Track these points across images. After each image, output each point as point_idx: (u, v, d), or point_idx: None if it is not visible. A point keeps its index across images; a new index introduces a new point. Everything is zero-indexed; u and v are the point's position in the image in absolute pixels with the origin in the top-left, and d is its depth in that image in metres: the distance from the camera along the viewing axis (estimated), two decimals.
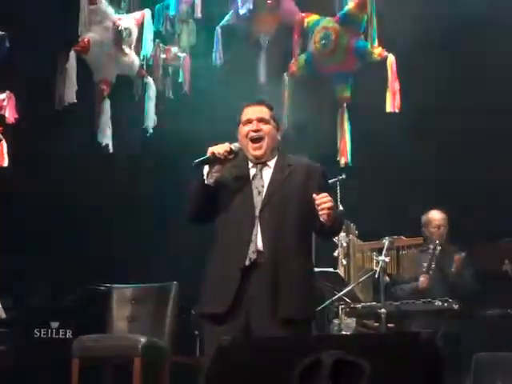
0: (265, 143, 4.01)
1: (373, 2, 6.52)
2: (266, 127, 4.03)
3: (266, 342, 2.96)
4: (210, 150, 3.95)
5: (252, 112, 4.08)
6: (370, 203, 7.07)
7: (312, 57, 6.85)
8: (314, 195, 3.78)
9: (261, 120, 4.03)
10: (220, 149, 3.95)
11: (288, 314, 3.79)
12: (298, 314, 3.83)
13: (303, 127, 6.83)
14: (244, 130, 4.06)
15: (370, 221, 6.61)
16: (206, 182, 3.95)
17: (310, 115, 6.65)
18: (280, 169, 4.03)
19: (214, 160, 3.94)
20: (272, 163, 4.06)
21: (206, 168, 3.96)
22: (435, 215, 6.64)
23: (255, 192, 3.96)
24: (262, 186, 3.98)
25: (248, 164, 4.07)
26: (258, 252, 3.85)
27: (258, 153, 4.02)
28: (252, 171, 4.04)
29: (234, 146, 4.00)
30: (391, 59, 6.53)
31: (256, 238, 3.86)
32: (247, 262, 3.84)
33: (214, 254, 4.00)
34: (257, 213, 3.90)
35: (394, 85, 6.51)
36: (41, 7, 7.09)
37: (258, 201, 3.93)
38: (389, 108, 6.52)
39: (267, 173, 4.03)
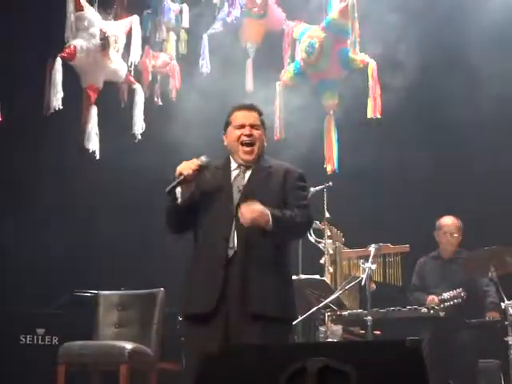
0: (256, 148, 4.09)
1: (354, 9, 6.54)
2: (257, 133, 4.11)
3: (252, 349, 2.97)
4: (178, 170, 3.99)
5: (244, 117, 4.14)
6: (356, 210, 7.10)
7: (300, 66, 6.87)
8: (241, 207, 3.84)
9: (253, 126, 4.11)
10: (187, 169, 3.97)
11: (259, 310, 3.83)
12: (271, 311, 3.86)
13: (293, 135, 6.84)
14: (236, 133, 4.11)
15: (357, 228, 6.63)
16: (178, 203, 4.01)
17: (301, 123, 6.68)
18: (259, 170, 4.10)
19: (184, 180, 3.97)
20: (254, 165, 4.13)
21: (179, 189, 4.00)
22: (447, 221, 6.62)
23: (235, 191, 4.04)
24: (242, 186, 4.05)
25: (230, 165, 4.14)
26: (234, 249, 3.92)
27: (249, 157, 4.09)
28: (234, 172, 4.11)
29: (202, 160, 4.04)
30: (372, 65, 6.56)
31: (234, 234, 3.93)
32: (223, 261, 3.91)
33: (195, 252, 4.07)
34: (234, 213, 3.95)
35: (375, 90, 6.53)
36: (28, 13, 7.11)
37: (236, 199, 4.01)
38: (370, 114, 6.54)
39: (248, 173, 4.10)
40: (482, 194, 7.08)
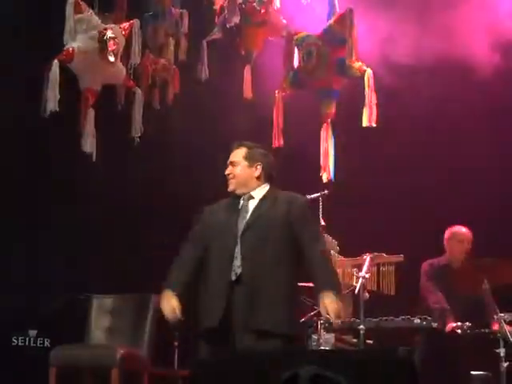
0: (232, 181, 4.57)
1: (351, 16, 6.54)
2: (233, 169, 4.58)
3: (244, 356, 2.97)
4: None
5: (229, 157, 4.63)
6: (351, 219, 7.09)
7: (298, 74, 6.87)
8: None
9: (231, 162, 4.61)
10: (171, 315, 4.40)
11: (262, 327, 4.13)
12: (274, 327, 4.15)
13: (291, 143, 6.84)
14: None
15: (352, 237, 6.63)
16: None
17: (298, 131, 6.68)
18: (264, 199, 4.49)
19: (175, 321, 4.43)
20: (257, 195, 4.53)
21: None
22: (462, 229, 6.62)
23: (240, 219, 4.40)
24: (247, 213, 4.43)
25: (239, 198, 4.53)
26: (242, 268, 4.25)
27: (229, 187, 4.57)
28: (240, 203, 4.51)
29: (173, 318, 4.41)
30: (369, 73, 6.55)
31: (238, 255, 4.27)
32: (233, 277, 4.24)
33: (204, 274, 4.40)
34: (239, 234, 4.35)
35: (371, 99, 6.53)
36: (27, 15, 7.11)
37: (241, 225, 4.40)
38: (365, 122, 6.52)
39: (253, 203, 4.51)
40: (479, 205, 7.07)
